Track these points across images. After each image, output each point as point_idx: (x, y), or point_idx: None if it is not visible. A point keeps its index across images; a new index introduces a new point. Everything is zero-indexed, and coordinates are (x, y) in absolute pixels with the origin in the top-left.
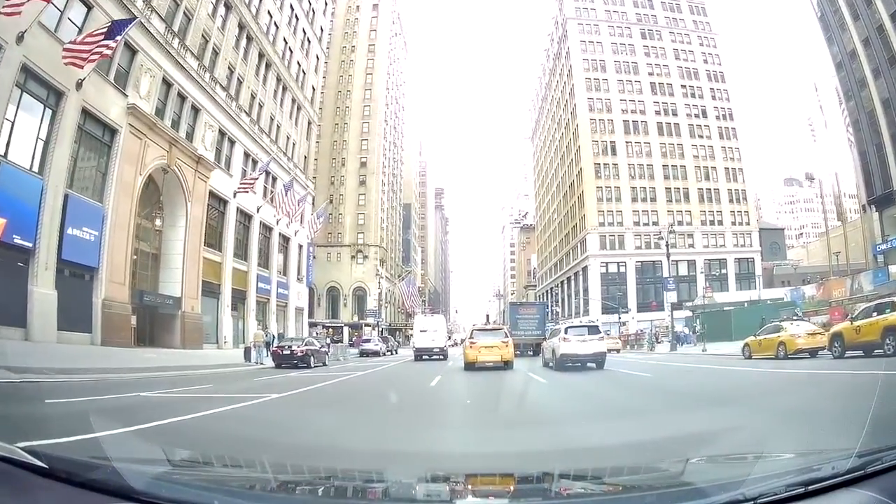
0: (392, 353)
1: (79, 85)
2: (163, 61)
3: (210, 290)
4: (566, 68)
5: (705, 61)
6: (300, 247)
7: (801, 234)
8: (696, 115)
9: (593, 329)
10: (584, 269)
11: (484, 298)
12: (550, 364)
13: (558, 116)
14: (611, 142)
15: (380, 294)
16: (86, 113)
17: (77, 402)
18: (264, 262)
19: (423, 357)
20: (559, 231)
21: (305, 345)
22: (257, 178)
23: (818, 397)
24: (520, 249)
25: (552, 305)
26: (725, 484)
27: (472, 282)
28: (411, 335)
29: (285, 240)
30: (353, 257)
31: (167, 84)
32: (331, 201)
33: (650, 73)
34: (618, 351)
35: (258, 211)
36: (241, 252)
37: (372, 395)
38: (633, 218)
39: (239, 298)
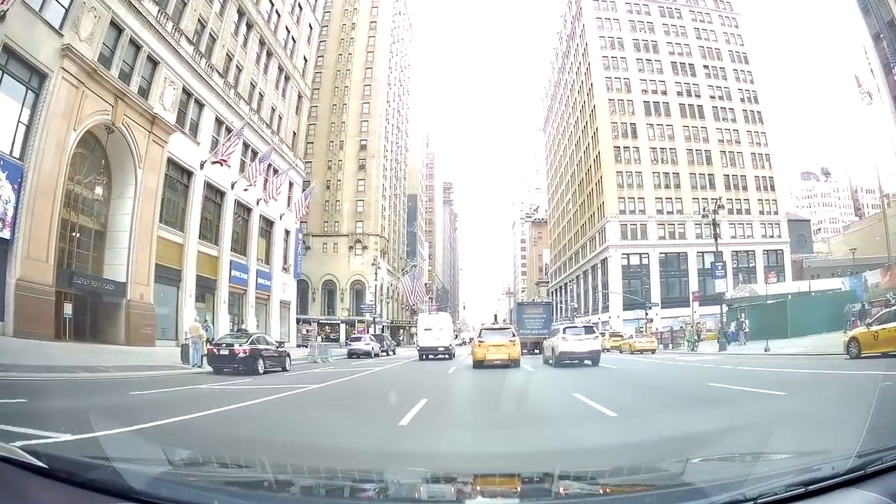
0: (389, 354)
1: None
2: (111, 1)
3: (168, 277)
4: (581, 48)
5: (727, 41)
6: (286, 232)
7: (819, 229)
8: (720, 97)
9: (589, 329)
10: (604, 261)
11: (493, 297)
12: (550, 361)
13: (573, 100)
14: (631, 124)
15: (377, 287)
16: (8, 51)
17: None
18: (241, 247)
19: (429, 356)
20: (574, 223)
21: (251, 343)
22: (232, 148)
23: None
24: (531, 245)
25: (567, 301)
26: (725, 484)
27: (481, 280)
28: (415, 333)
29: (268, 223)
30: (351, 248)
31: (117, 28)
32: (328, 187)
33: (670, 53)
34: (652, 352)
35: (233, 188)
36: (211, 234)
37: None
38: (656, 206)
39: (207, 288)
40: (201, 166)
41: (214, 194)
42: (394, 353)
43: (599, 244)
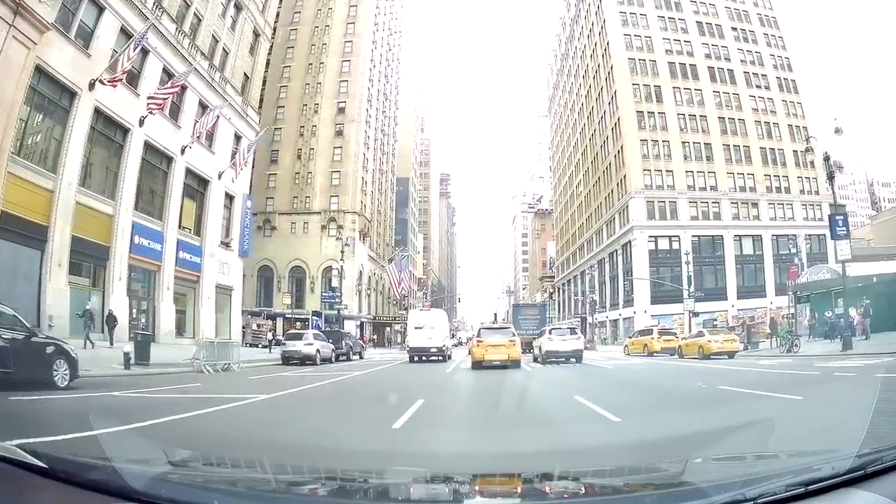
0: (350, 358)
1: None
2: None
3: (22, 233)
4: (594, 7)
5: (755, 3)
6: (229, 198)
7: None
8: (752, 63)
9: (573, 331)
10: (626, 245)
11: (493, 296)
12: (539, 359)
13: (584, 69)
14: (655, 86)
15: (357, 276)
16: None
17: None
18: (157, 210)
19: (422, 358)
20: (586, 206)
21: None
22: (132, 63)
23: None
24: (533, 238)
25: (581, 294)
26: (725, 484)
27: (480, 279)
28: (400, 331)
29: (200, 183)
30: (323, 228)
31: None
32: (298, 157)
33: (695, 12)
34: (730, 354)
35: (142, 124)
36: (105, 184)
37: None
38: (687, 180)
39: (93, 257)
40: (91, 86)
41: (113, 130)
42: (359, 358)
43: (621, 226)
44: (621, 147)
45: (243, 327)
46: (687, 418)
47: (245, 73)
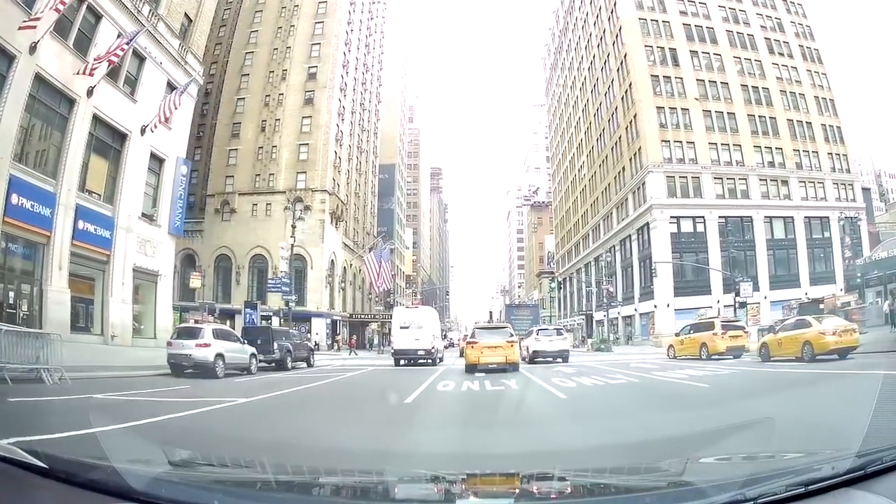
0: (288, 367)
1: None
2: None
3: None
4: None
5: None
6: (159, 161)
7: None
8: (773, 29)
9: (559, 332)
10: (643, 228)
11: (486, 297)
12: (525, 359)
13: (586, 38)
14: (670, 48)
15: (296, 254)
16: None
17: None
18: (48, 164)
19: (409, 361)
20: (591, 190)
21: None
22: None
23: None
24: (529, 233)
25: (585, 289)
26: (725, 484)
27: (474, 279)
28: (378, 330)
29: (117, 138)
30: (287, 209)
31: None
32: (262, 129)
33: None
34: (841, 353)
35: (32, 51)
36: None
37: None
38: (711, 154)
39: None
40: None
41: None
42: (307, 366)
43: (635, 206)
44: (634, 117)
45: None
46: None
47: (186, 15)
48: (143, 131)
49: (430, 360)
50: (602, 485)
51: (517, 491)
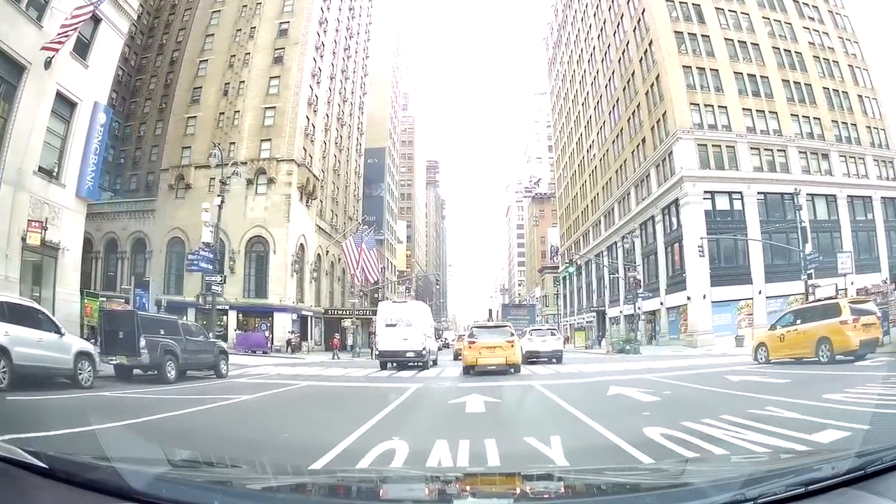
0: (170, 379)
1: None
2: None
3: None
4: None
5: None
6: (69, 104)
7: None
8: None
9: (553, 332)
10: (671, 207)
11: (485, 297)
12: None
13: (595, 4)
14: (693, 4)
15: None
16: None
17: None
18: None
19: (401, 365)
20: (602, 171)
21: None
22: None
23: None
24: (531, 226)
25: (597, 280)
26: (725, 484)
27: (473, 279)
28: (352, 328)
29: (12, 69)
30: (250, 183)
31: None
32: (225, 93)
33: None
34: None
35: None
36: None
37: None
38: (745, 121)
39: None
40: None
41: None
42: (217, 377)
43: (659, 182)
44: (656, 79)
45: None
46: None
47: None
48: (47, 64)
49: (420, 364)
50: (602, 485)
51: (517, 491)
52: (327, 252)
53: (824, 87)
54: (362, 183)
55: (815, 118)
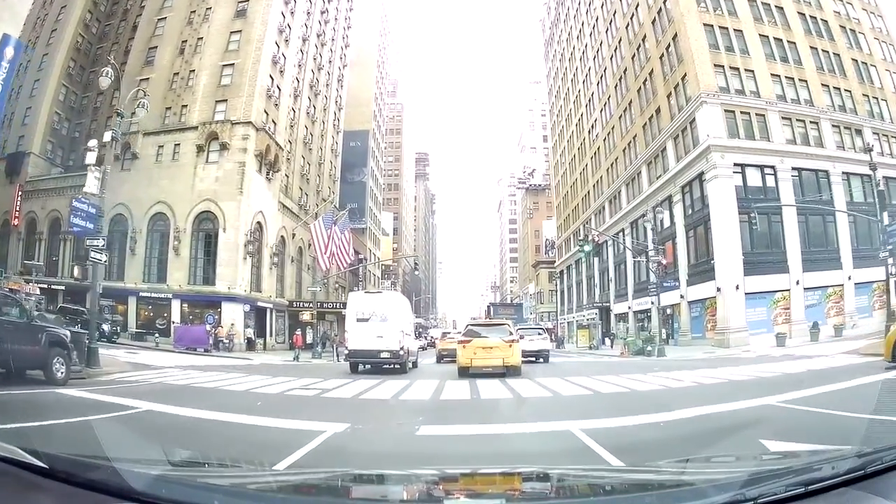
0: None
1: None
2: None
3: None
4: None
5: None
6: None
7: None
8: None
9: (540, 332)
10: (693, 183)
11: (476, 296)
12: None
13: None
14: None
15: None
16: None
17: None
18: None
19: (376, 367)
20: (607, 151)
21: None
22: None
23: None
24: (524, 219)
25: (599, 273)
26: (725, 484)
27: (464, 278)
28: (311, 321)
29: None
30: (200, 150)
31: None
32: (181, 52)
33: None
34: None
35: None
36: None
37: None
38: (775, 88)
39: None
40: None
41: None
42: (55, 381)
43: (678, 157)
44: (674, 38)
45: None
46: None
47: None
48: None
49: (397, 365)
50: (602, 484)
51: (517, 490)
52: (294, 235)
53: (853, 59)
54: (341, 164)
55: (846, 90)
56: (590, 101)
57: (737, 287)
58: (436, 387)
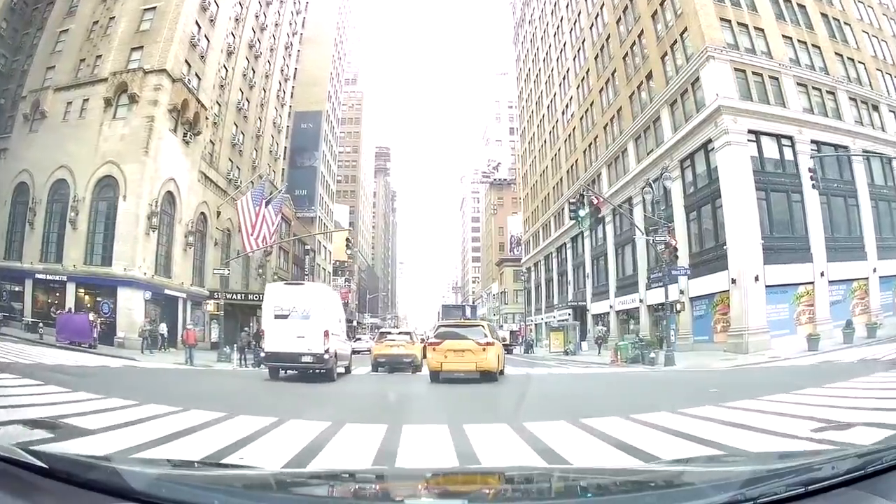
0: None
1: None
2: None
3: None
4: None
5: None
6: None
7: None
8: None
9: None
10: (697, 154)
11: (437, 297)
12: None
13: None
14: None
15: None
16: None
17: None
18: None
19: (302, 374)
20: (588, 127)
21: None
22: None
23: None
24: (488, 216)
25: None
26: (725, 484)
27: (425, 280)
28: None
29: None
30: (108, 104)
31: None
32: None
33: None
34: None
35: None
36: None
37: None
38: (787, 51)
39: None
40: None
41: None
42: None
43: (677, 123)
44: None
45: None
46: None
47: None
48: None
49: (322, 370)
50: (601, 484)
51: (515, 490)
52: (219, 213)
53: (864, 32)
54: (291, 147)
55: (859, 62)
56: (564, 78)
57: (756, 278)
58: (384, 432)
